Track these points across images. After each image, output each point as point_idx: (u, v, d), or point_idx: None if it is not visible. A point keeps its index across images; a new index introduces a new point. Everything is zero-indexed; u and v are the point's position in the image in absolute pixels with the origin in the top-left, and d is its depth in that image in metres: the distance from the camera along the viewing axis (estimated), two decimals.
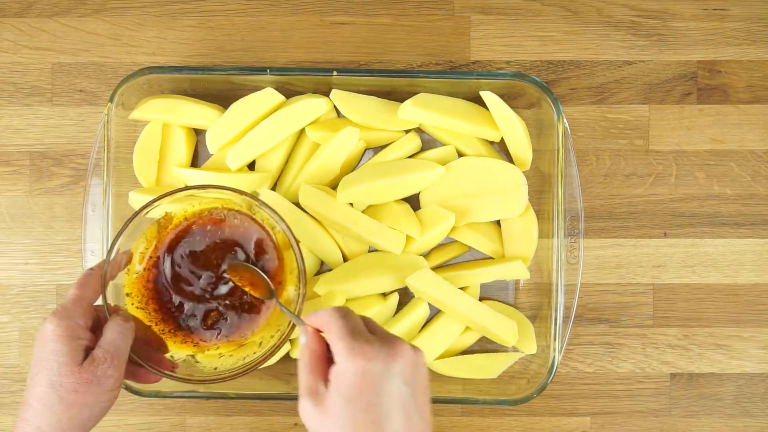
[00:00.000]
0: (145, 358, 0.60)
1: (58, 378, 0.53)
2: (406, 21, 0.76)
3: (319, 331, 0.52)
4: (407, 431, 0.47)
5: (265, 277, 0.63)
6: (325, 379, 0.49)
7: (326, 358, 0.51)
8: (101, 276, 0.59)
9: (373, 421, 0.46)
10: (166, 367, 0.61)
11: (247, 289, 0.62)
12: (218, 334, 0.65)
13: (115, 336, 0.56)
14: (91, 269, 0.59)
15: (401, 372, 0.48)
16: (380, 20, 0.76)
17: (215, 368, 0.63)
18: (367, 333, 0.49)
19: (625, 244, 0.76)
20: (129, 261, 0.63)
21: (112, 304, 0.60)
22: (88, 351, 0.55)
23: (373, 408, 0.46)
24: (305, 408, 0.49)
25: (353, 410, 0.47)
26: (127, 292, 0.63)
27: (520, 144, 0.73)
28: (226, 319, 0.64)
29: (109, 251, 0.59)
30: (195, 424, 0.76)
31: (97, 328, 0.58)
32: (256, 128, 0.71)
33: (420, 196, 0.73)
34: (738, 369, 0.76)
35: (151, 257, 0.64)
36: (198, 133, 0.75)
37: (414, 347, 0.50)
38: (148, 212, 0.60)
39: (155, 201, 0.60)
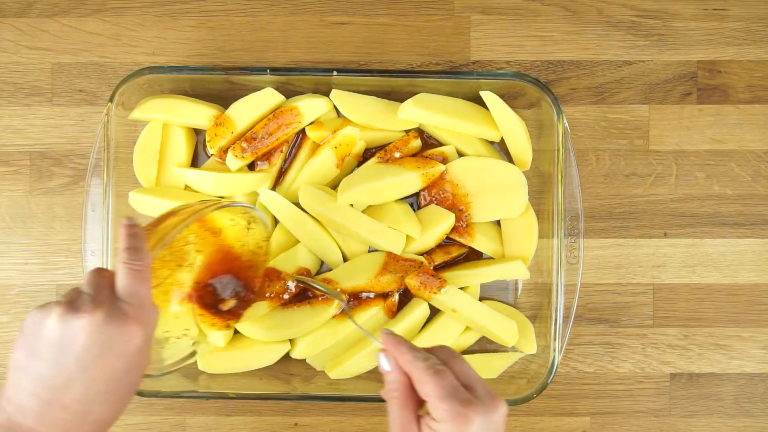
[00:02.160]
0: None
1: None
2: (406, 21, 0.76)
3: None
4: None
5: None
6: (418, 416, 0.51)
7: (414, 394, 0.52)
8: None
9: None
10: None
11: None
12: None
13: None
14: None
15: (498, 427, 0.50)
16: (380, 20, 0.76)
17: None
18: (464, 392, 0.50)
19: (625, 244, 0.76)
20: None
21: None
22: None
23: None
24: None
25: None
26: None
27: (520, 144, 0.73)
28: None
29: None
30: (195, 424, 0.76)
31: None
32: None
33: (420, 196, 0.73)
34: (738, 369, 0.76)
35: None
36: (198, 133, 0.75)
37: (503, 402, 0.51)
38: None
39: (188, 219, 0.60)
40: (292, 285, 0.71)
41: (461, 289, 0.72)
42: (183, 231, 0.57)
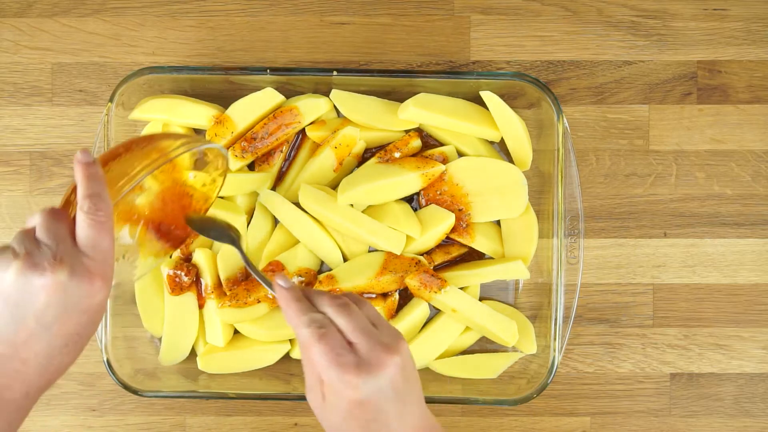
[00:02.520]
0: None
1: None
2: (406, 21, 0.76)
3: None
4: (401, 425, 0.50)
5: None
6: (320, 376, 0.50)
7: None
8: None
9: (370, 429, 0.49)
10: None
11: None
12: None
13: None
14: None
15: (390, 382, 0.49)
16: (380, 20, 0.76)
17: None
18: (348, 354, 0.49)
19: (625, 244, 0.76)
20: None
21: None
22: None
23: (369, 423, 0.49)
24: (309, 398, 0.52)
25: (350, 425, 0.49)
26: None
27: (520, 144, 0.73)
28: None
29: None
30: (195, 424, 0.76)
31: None
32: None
33: (420, 196, 0.73)
34: (738, 369, 0.76)
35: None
36: (198, 133, 0.75)
37: (397, 349, 0.50)
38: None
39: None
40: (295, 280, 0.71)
41: (461, 289, 0.72)
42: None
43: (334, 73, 0.70)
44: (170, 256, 0.72)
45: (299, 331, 0.51)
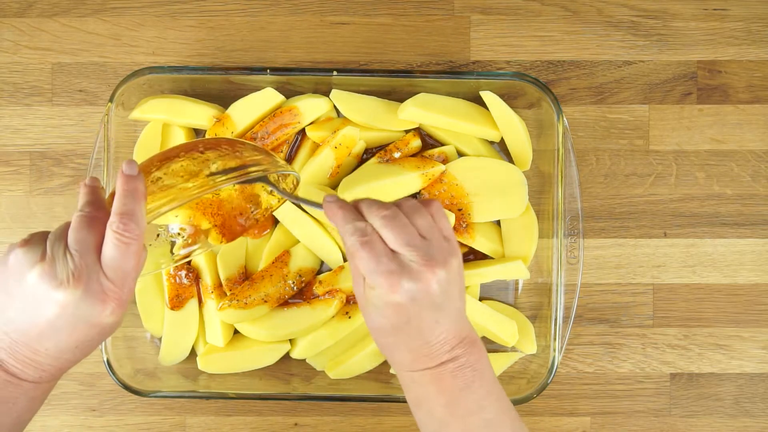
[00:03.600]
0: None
1: None
2: (406, 21, 0.76)
3: None
4: (433, 334, 0.52)
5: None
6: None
7: None
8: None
9: (403, 332, 0.52)
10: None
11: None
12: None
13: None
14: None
15: (427, 294, 0.51)
16: (380, 20, 0.76)
17: None
18: (389, 261, 0.50)
19: (625, 244, 0.76)
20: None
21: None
22: None
23: (402, 326, 0.52)
24: (354, 287, 0.55)
25: (384, 323, 0.52)
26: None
27: (520, 144, 0.73)
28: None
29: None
30: (195, 424, 0.76)
31: None
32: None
33: (420, 195, 0.73)
34: (738, 369, 0.76)
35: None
36: (198, 133, 0.75)
37: (447, 263, 0.51)
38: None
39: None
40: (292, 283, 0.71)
41: None
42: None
43: (334, 73, 0.70)
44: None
45: (345, 239, 0.52)
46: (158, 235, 0.66)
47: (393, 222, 0.51)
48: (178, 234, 0.67)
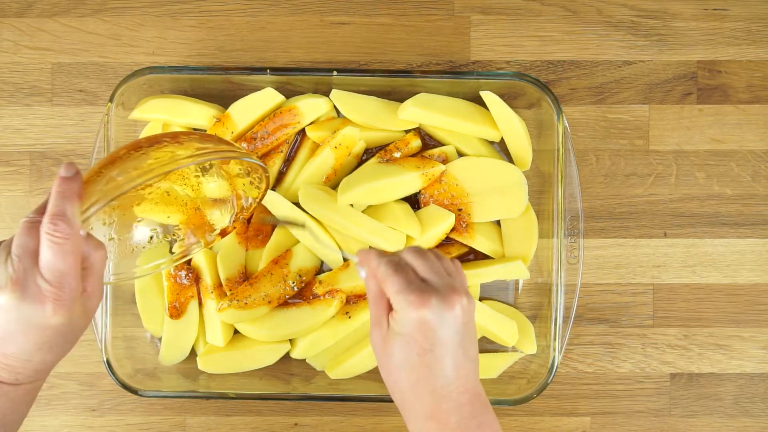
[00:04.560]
0: None
1: None
2: (406, 21, 0.76)
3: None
4: (455, 373, 0.52)
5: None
6: (389, 311, 0.54)
7: (385, 294, 0.55)
8: None
9: (426, 364, 0.52)
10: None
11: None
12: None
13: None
14: None
15: (454, 321, 0.52)
16: (380, 20, 0.76)
17: None
18: (419, 283, 0.53)
19: (625, 244, 0.76)
20: None
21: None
22: None
23: (427, 353, 0.52)
24: (373, 335, 0.55)
25: (409, 353, 0.52)
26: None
27: (520, 144, 0.73)
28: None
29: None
30: (195, 424, 0.76)
31: None
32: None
33: (420, 196, 0.73)
34: (738, 369, 0.76)
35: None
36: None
37: (468, 297, 0.53)
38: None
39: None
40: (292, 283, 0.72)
41: None
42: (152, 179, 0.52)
43: (334, 73, 0.70)
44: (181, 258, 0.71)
45: (379, 268, 0.54)
46: (151, 238, 0.66)
47: (423, 256, 0.56)
48: (173, 234, 0.68)
